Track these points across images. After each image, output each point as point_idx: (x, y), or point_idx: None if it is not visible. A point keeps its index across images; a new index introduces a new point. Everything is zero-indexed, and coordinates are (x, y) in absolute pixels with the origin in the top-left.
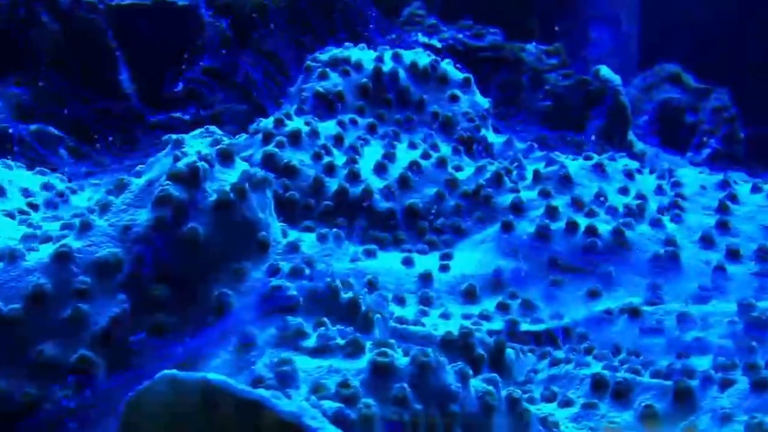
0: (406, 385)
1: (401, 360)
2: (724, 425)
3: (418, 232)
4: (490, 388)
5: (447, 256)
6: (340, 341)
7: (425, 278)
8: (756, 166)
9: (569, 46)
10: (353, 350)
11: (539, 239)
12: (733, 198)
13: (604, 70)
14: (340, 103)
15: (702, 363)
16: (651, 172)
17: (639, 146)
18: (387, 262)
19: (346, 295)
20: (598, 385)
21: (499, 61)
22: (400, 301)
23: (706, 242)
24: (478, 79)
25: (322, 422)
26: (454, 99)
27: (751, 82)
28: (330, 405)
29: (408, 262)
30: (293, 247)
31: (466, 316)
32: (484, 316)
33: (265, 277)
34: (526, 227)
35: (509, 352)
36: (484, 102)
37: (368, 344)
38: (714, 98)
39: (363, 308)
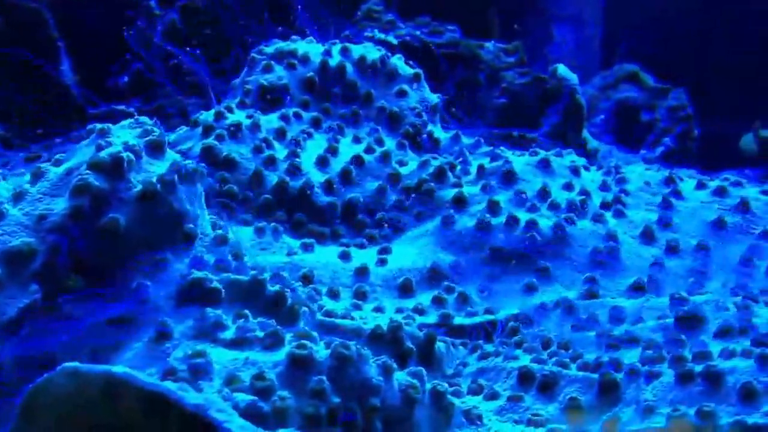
0: (324, 378)
1: (321, 352)
2: (646, 417)
3: (358, 226)
4: (414, 381)
5: (385, 251)
6: (260, 333)
7: (361, 272)
8: (710, 163)
9: (532, 44)
10: (272, 342)
11: (479, 233)
12: (677, 194)
13: (562, 69)
14: (284, 97)
15: (630, 356)
16: (599, 169)
17: (593, 144)
18: (324, 256)
19: (272, 288)
20: (524, 378)
21: (456, 58)
22: (334, 295)
23: (647, 237)
24: (435, 76)
25: (230, 415)
26: (402, 94)
27: (714, 80)
28: (243, 398)
29: (345, 256)
30: (221, 240)
31: (400, 310)
32: (419, 310)
33: (187, 269)
34: (466, 222)
35: (440, 345)
36: (434, 97)
37: (288, 336)
38: (672, 97)
39: (289, 301)
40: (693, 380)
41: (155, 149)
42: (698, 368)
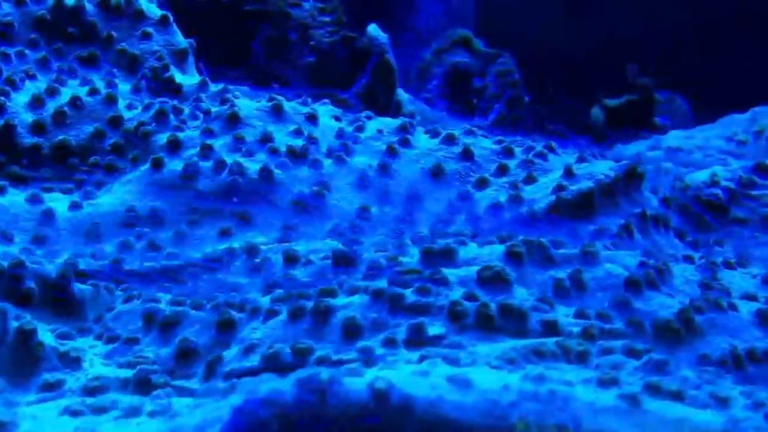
0: None
1: None
2: (245, 357)
3: (68, 170)
4: None
5: (87, 195)
6: None
7: (46, 217)
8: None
9: (397, 17)
10: None
11: (185, 178)
12: (405, 142)
13: (372, 28)
14: (10, 35)
15: (264, 297)
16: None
17: (408, 107)
18: (11, 200)
19: None
20: (148, 319)
21: (264, 15)
22: (7, 239)
23: (362, 184)
24: (241, 34)
25: None
26: (147, 36)
27: (586, 60)
28: None
29: (35, 200)
30: None
31: (78, 255)
32: (98, 255)
33: None
34: (176, 166)
35: (82, 288)
36: (182, 42)
37: None
38: (500, 63)
39: None
40: (303, 317)
41: None
42: (309, 305)
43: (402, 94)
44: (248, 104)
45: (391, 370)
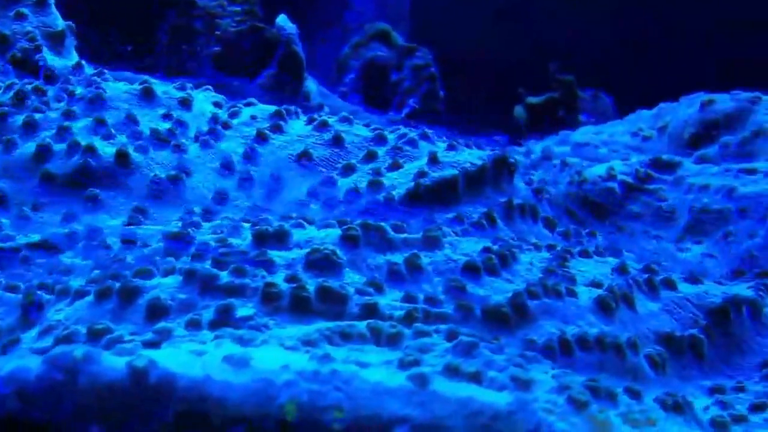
0: None
1: None
2: (40, 339)
3: None
4: None
5: None
6: None
7: None
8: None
9: (326, 10)
10: None
11: (36, 160)
12: (277, 128)
13: (281, 19)
14: None
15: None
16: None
17: (317, 99)
18: None
19: None
20: None
21: (169, 2)
22: None
23: (226, 169)
24: (148, 22)
25: None
26: (21, 17)
27: (516, 67)
28: None
29: None
30: None
31: None
32: None
33: None
34: (29, 147)
35: None
36: (60, 24)
37: None
38: (417, 56)
39: None
40: (110, 298)
41: None
42: (117, 285)
43: (311, 86)
44: (116, 87)
45: (169, 349)
